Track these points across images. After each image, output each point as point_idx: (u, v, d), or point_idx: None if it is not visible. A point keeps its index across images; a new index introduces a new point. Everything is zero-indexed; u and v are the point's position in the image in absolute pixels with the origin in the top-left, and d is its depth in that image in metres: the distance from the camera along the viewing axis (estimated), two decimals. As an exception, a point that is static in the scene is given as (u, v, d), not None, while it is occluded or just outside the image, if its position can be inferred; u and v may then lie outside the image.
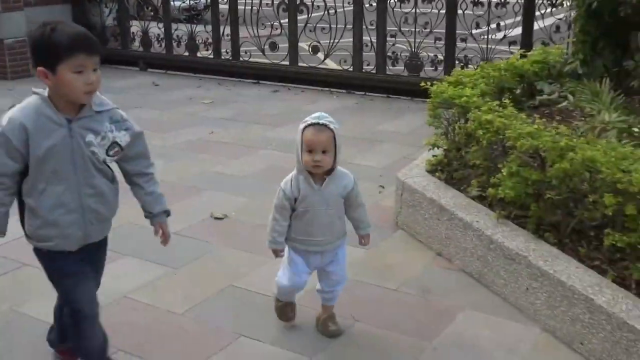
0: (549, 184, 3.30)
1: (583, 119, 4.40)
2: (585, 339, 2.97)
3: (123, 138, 2.47)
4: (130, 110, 2.85)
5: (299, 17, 8.55)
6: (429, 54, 7.91)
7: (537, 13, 7.36)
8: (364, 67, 8.25)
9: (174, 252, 3.69)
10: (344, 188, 2.94)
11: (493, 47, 7.44)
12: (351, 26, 8.20)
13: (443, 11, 7.66)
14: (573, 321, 3.03)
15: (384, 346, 3.09)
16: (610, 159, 2.99)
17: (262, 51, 8.82)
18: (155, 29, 9.80)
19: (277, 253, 3.02)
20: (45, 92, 2.38)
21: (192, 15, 12.05)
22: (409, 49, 7.94)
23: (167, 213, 2.69)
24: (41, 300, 3.52)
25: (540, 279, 3.20)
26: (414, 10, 7.76)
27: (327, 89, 8.37)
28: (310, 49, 8.60)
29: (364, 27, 8.12)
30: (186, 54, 9.60)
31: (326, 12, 8.34)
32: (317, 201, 2.89)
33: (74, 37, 2.29)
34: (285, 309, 3.21)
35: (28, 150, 2.34)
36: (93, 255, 2.64)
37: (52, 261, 2.54)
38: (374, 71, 8.18)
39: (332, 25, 8.26)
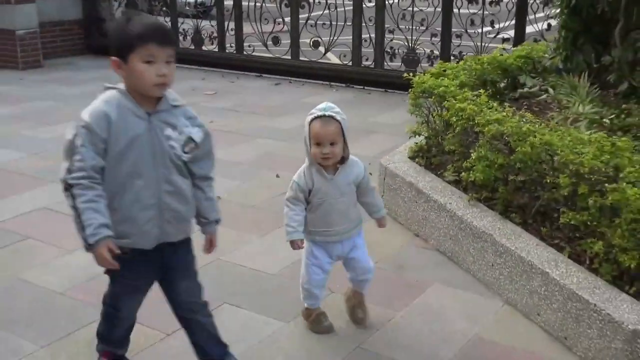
0: (514, 167, 3.53)
1: (559, 110, 4.63)
2: (541, 310, 3.21)
3: (197, 134, 2.40)
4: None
5: (300, 14, 8.80)
6: (426, 49, 8.15)
7: (531, 16, 7.58)
8: (363, 62, 8.49)
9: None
10: (356, 176, 2.98)
11: (487, 44, 7.66)
12: (350, 23, 8.45)
13: (439, 9, 7.89)
14: (531, 294, 3.26)
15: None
16: (566, 142, 3.23)
17: (265, 45, 9.08)
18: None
19: (297, 245, 2.95)
20: (122, 87, 2.34)
21: (201, 11, 12.33)
22: (406, 44, 8.18)
23: (218, 222, 2.62)
24: (42, 269, 3.81)
25: (504, 256, 3.44)
26: (411, 7, 8.00)
27: (327, 82, 8.62)
28: (311, 43, 8.84)
29: (363, 23, 8.36)
30: (192, 47, 9.87)
31: (327, 9, 8.58)
32: (332, 191, 2.91)
33: (147, 27, 2.25)
34: (319, 319, 3.17)
35: (109, 142, 2.28)
36: (171, 259, 2.53)
37: (120, 265, 2.37)
38: (372, 66, 8.42)
39: (332, 22, 8.50)
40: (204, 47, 9.81)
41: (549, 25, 7.52)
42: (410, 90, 4.50)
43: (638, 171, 2.95)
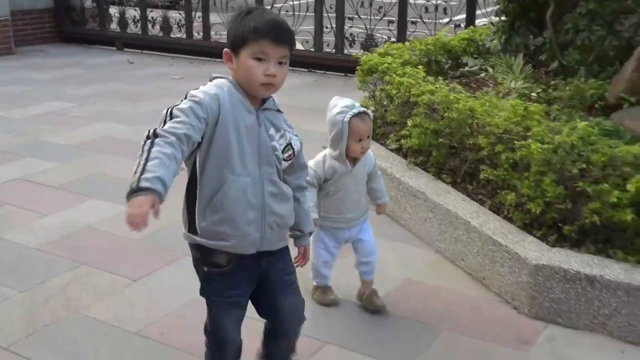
0: (444, 132, 3.97)
1: (494, 86, 5.08)
2: (464, 256, 3.65)
3: (296, 142, 2.26)
4: (105, 84, 3.47)
5: (265, 4, 9.18)
6: (383, 35, 8.58)
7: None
8: (324, 48, 8.90)
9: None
10: (370, 167, 3.14)
11: (440, 30, 8.09)
12: (312, 13, 8.84)
13: (396, -3, 8.33)
14: (456, 242, 3.71)
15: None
16: (486, 108, 3.67)
17: (231, 32, 9.44)
18: (132, 11, 10.40)
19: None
20: (233, 79, 2.16)
21: (171, 2, 12.66)
22: (365, 31, 8.61)
23: (311, 234, 2.51)
24: (20, 230, 4.17)
25: (435, 210, 3.88)
26: (369, -5, 8.43)
27: (290, 67, 8.99)
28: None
29: (325, 13, 8.76)
30: (161, 34, 10.20)
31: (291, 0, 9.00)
32: (350, 181, 3.04)
33: (264, 22, 2.09)
34: (325, 293, 3.34)
35: (214, 128, 2.07)
36: (270, 269, 2.33)
37: (212, 281, 2.28)
38: (333, 52, 8.83)
39: (295, 13, 8.89)
40: (172, 35, 10.15)
41: (497, 12, 7.97)
42: (358, 67, 4.92)
43: (544, 131, 3.40)
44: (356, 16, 8.60)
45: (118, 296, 3.42)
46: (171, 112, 2.02)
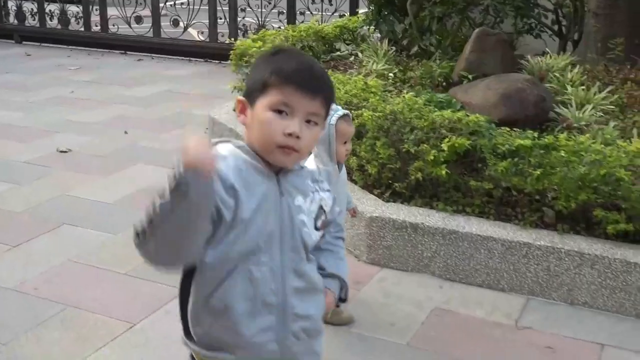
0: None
1: (358, 68, 5.58)
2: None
3: (328, 202, 1.74)
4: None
5: (161, -6, 9.47)
6: (274, 25, 8.99)
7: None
8: (219, 38, 9.25)
9: (22, 172, 4.72)
10: (344, 170, 3.05)
11: (326, 20, 8.58)
12: (207, 3, 9.18)
13: (284, -11, 8.76)
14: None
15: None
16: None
17: (129, 24, 9.68)
18: (29, 3, 10.49)
19: None
20: (242, 142, 1.65)
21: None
22: (257, 21, 9.01)
23: (343, 286, 1.86)
24: None
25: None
26: (259, -13, 8.83)
27: (187, 58, 9.33)
28: (171, 22, 9.52)
29: (218, 5, 9.12)
30: (59, 27, 10.33)
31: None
32: (339, 186, 2.94)
33: (292, 63, 1.60)
34: (338, 312, 3.11)
35: (222, 204, 1.54)
36: None
37: None
38: (227, 41, 9.20)
39: (190, 6, 9.21)
40: (70, 27, 10.29)
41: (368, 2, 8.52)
42: (231, 52, 5.32)
43: (378, 101, 3.89)
44: (248, 8, 8.99)
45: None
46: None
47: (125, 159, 5.29)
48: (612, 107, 4.29)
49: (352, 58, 5.95)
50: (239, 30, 9.12)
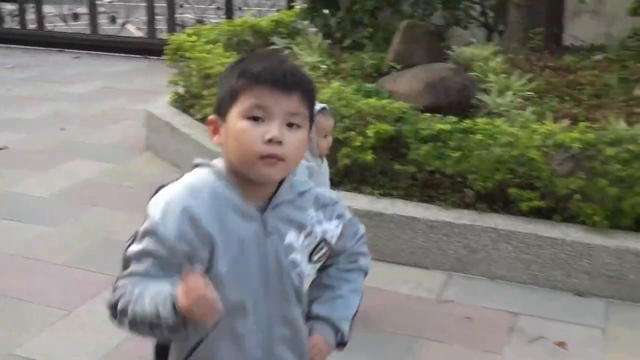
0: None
1: (293, 61, 5.71)
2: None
3: (334, 231, 1.55)
4: None
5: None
6: (212, 21, 9.07)
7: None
8: (158, 34, 9.28)
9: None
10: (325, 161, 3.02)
11: (264, 14, 8.70)
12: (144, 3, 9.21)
13: (221, -16, 8.85)
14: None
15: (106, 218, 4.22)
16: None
17: (65, 21, 9.63)
18: (-39, 2, 10.35)
19: None
20: (220, 165, 1.45)
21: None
22: (194, 17, 9.08)
23: (343, 343, 1.64)
24: None
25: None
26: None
27: (125, 54, 9.33)
28: (109, 19, 9.52)
29: (155, 2, 9.16)
30: (-7, 25, 10.22)
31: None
32: (322, 179, 2.94)
33: (260, 63, 1.40)
34: None
35: (193, 259, 1.37)
36: None
37: None
38: (166, 37, 9.23)
39: (128, 3, 9.24)
40: (5, 25, 10.18)
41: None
42: (166, 46, 5.40)
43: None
44: (187, 4, 9.05)
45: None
46: (124, 261, 1.43)
47: (62, 154, 5.33)
48: (531, 93, 4.51)
49: (287, 51, 6.07)
50: (177, 26, 9.16)
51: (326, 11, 6.41)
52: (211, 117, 1.46)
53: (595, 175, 3.41)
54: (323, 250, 1.54)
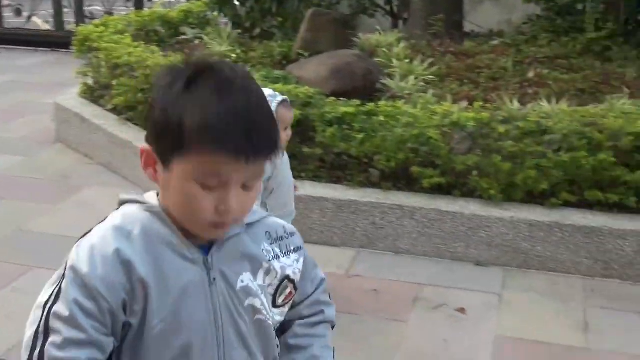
0: (143, 88, 4.57)
1: (204, 50, 5.76)
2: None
3: (296, 266, 1.33)
4: None
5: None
6: (121, 13, 8.97)
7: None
8: (67, 26, 9.12)
9: None
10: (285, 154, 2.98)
11: (175, 4, 8.68)
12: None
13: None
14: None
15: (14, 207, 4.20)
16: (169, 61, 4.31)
17: (-33, 15, 9.34)
18: None
19: None
20: (154, 200, 1.23)
21: None
22: (103, 9, 8.97)
23: None
24: None
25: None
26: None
27: (32, 48, 9.12)
28: (14, 12, 9.28)
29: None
30: None
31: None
32: (285, 171, 2.93)
33: (219, 110, 1.11)
34: None
35: (127, 311, 1.17)
36: None
37: None
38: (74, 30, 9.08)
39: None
40: None
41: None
42: (73, 38, 5.36)
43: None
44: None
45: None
46: (47, 323, 1.16)
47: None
48: (432, 77, 4.72)
49: (197, 42, 6.11)
50: (85, 19, 9.02)
51: (236, 1, 6.48)
52: (145, 148, 1.18)
53: (490, 152, 3.63)
54: (288, 290, 1.31)
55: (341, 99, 4.05)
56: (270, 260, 1.28)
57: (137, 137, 4.59)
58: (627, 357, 2.93)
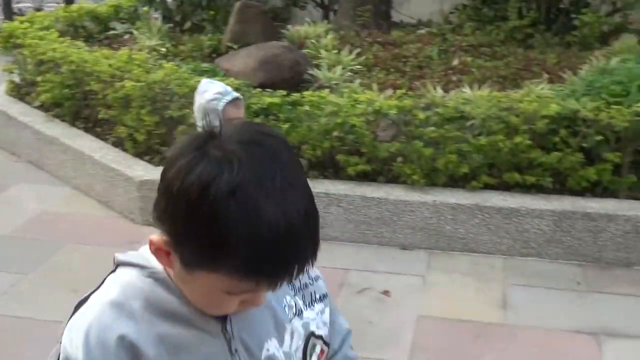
0: (69, 84, 4.53)
1: (132, 45, 5.72)
2: (93, 186, 4.26)
3: (319, 319, 1.17)
4: None
5: None
6: (50, 9, 8.83)
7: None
8: (-5, 24, 8.94)
9: None
10: None
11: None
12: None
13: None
14: (87, 176, 4.29)
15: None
16: (95, 57, 4.28)
17: None
18: None
19: None
20: (155, 263, 1.03)
21: None
22: (32, 5, 8.81)
23: None
24: None
25: (68, 152, 4.43)
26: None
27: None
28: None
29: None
30: None
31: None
32: None
33: (261, 231, 0.90)
34: None
35: None
36: None
37: None
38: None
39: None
40: None
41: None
42: (-2, 34, 5.28)
43: (140, 72, 4.11)
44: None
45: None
46: None
47: None
48: (359, 67, 4.80)
49: (127, 36, 6.06)
50: (14, 15, 8.83)
51: (166, -5, 6.44)
52: (157, 240, 0.97)
53: (413, 138, 3.72)
54: (318, 348, 1.14)
55: (268, 90, 4.09)
56: (291, 319, 1.11)
57: (64, 134, 4.55)
58: (542, 330, 3.05)
